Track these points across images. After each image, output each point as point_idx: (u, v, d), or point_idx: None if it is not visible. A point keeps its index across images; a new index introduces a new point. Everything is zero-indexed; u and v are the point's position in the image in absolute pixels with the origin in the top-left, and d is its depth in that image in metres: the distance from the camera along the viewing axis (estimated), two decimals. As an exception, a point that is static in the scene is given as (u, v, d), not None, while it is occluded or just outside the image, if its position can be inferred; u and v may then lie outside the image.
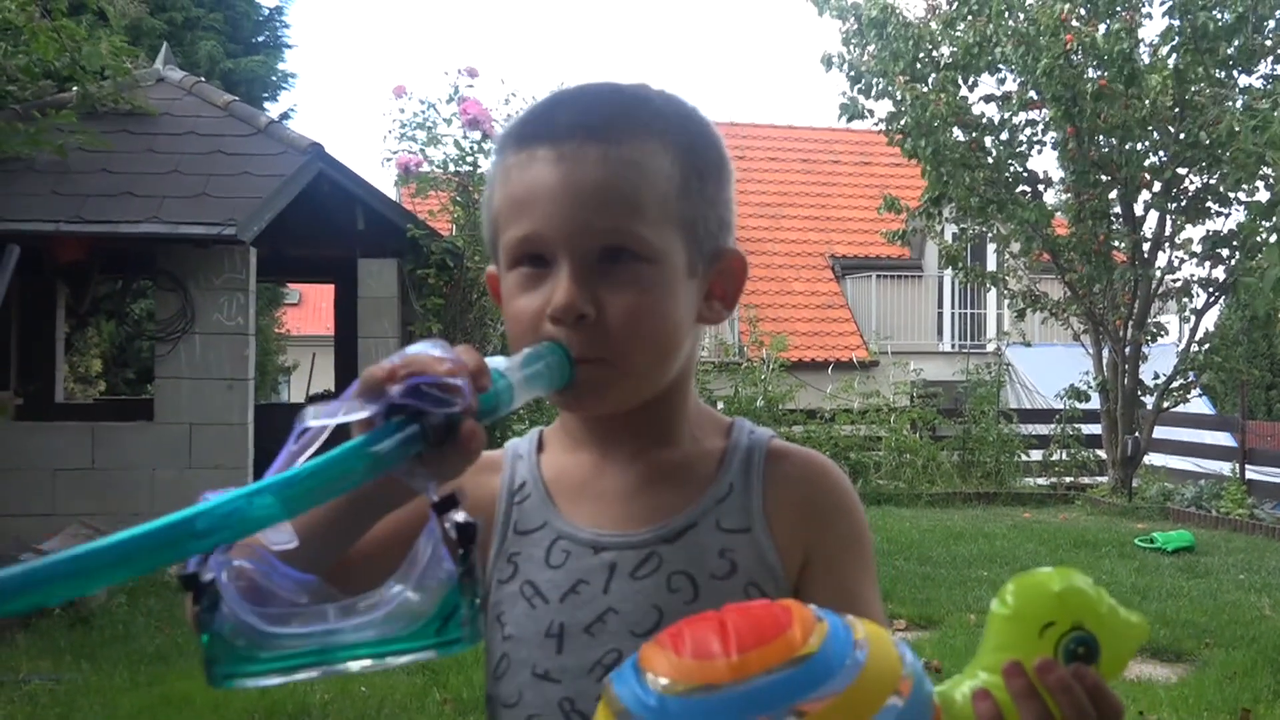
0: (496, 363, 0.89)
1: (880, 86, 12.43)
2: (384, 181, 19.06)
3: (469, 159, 10.50)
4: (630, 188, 0.99)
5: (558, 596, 1.03)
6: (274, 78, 17.05)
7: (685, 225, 1.02)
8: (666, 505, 1.05)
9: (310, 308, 25.71)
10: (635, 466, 1.07)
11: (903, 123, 12.30)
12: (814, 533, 1.05)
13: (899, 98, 12.17)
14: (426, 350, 0.82)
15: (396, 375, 0.80)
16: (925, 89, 12.11)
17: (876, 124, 12.97)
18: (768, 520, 1.04)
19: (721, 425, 1.12)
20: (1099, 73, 11.22)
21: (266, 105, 15.74)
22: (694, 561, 1.02)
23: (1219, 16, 10.89)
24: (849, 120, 13.03)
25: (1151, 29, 29.95)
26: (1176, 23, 11.12)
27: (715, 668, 0.74)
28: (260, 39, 17.23)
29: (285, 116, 16.45)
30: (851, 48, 12.63)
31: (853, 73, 12.58)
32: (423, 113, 10.55)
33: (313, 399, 10.44)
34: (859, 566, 1.07)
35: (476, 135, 10.49)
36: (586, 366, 0.98)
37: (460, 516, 0.80)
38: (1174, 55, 11.27)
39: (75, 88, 8.58)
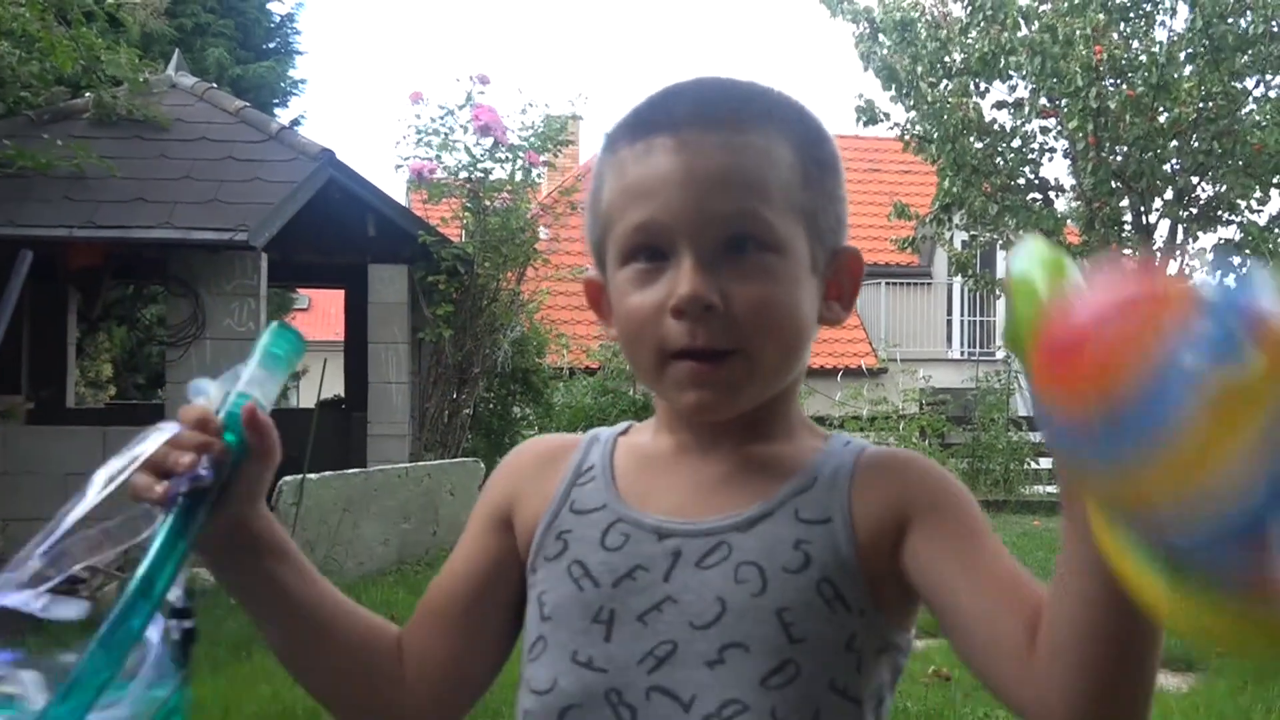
0: (208, 385, 0.94)
1: (908, 89, 12.41)
2: (395, 187, 19.10)
3: (480, 165, 10.52)
4: (754, 173, 0.95)
5: (611, 580, 0.97)
6: (284, 84, 17.12)
7: (807, 217, 0.99)
8: (745, 495, 0.98)
9: (320, 313, 25.73)
10: (731, 459, 1.01)
11: (920, 129, 12.30)
12: (902, 505, 0.96)
13: (929, 100, 12.14)
14: (152, 447, 0.90)
15: (154, 493, 0.89)
16: (945, 94, 12.10)
17: (892, 128, 12.96)
18: (851, 511, 0.96)
19: (817, 433, 1.07)
20: (1120, 82, 11.21)
21: (277, 111, 15.80)
22: (766, 552, 0.94)
23: (1238, 25, 10.90)
24: (866, 124, 13.03)
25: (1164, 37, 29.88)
26: (1194, 33, 11.11)
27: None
28: (271, 45, 17.30)
29: (296, 123, 16.48)
30: (875, 50, 12.60)
31: (885, 71, 12.56)
32: (439, 119, 10.57)
33: (323, 405, 10.45)
34: (967, 526, 0.95)
35: (488, 142, 10.51)
36: (718, 365, 0.94)
37: (189, 623, 0.92)
38: (1189, 66, 11.29)
39: (89, 94, 8.63)
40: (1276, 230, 11.30)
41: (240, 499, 0.95)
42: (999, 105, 12.63)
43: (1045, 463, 13.96)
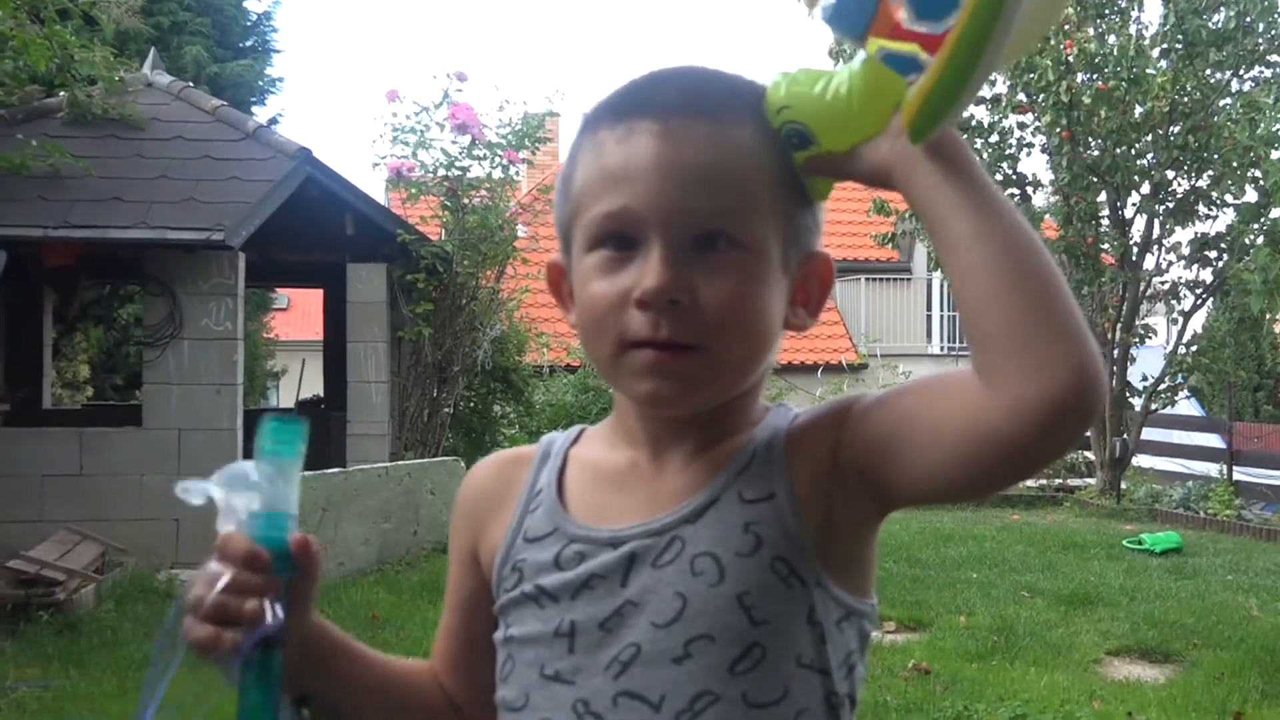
0: (207, 487, 0.93)
1: None
2: (373, 186, 19.06)
3: (458, 164, 10.50)
4: (737, 170, 0.93)
5: (568, 594, 0.97)
6: (262, 82, 17.02)
7: (784, 218, 0.96)
8: (693, 488, 0.97)
9: (299, 313, 25.62)
10: (691, 465, 0.99)
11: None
12: (829, 445, 0.94)
13: None
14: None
15: (224, 645, 0.87)
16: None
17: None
18: (790, 478, 0.95)
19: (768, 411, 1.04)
20: (1094, 77, 11.26)
21: (254, 110, 15.70)
22: (718, 540, 0.93)
23: (1211, 20, 10.96)
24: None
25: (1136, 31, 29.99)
26: (1168, 28, 11.17)
27: None
28: (248, 43, 17.19)
29: (273, 121, 16.42)
30: (847, 48, 12.66)
31: None
32: (415, 116, 10.54)
33: (302, 404, 10.42)
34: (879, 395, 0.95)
35: (465, 140, 10.49)
36: (679, 358, 0.92)
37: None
38: (1164, 61, 11.35)
39: (63, 93, 8.57)
40: (1254, 225, 11.35)
41: (297, 621, 0.94)
42: (976, 101, 12.67)
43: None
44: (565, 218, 1.01)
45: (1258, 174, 10.91)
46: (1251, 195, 11.46)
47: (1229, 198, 11.78)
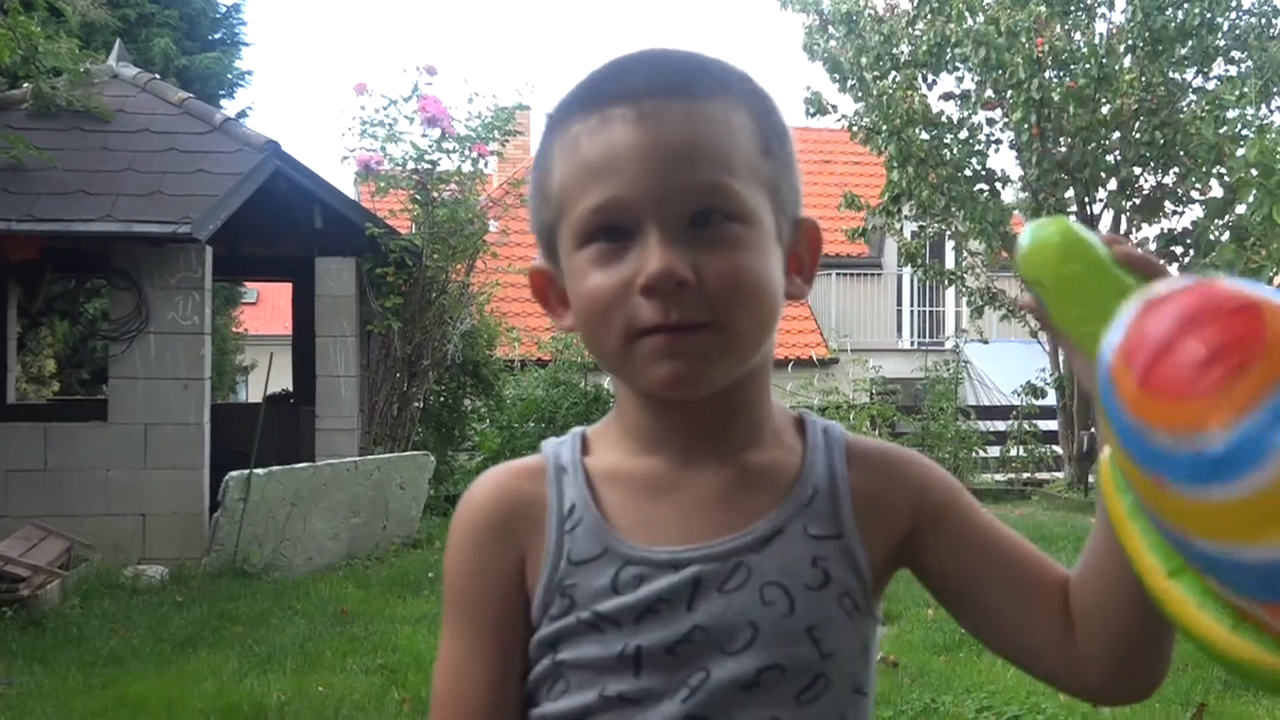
0: None
1: (854, 81, 12.50)
2: (342, 179, 18.94)
3: (428, 157, 10.46)
4: (720, 143, 0.92)
5: (632, 619, 0.93)
6: (230, 75, 16.90)
7: (770, 186, 0.95)
8: (749, 511, 0.96)
9: (269, 307, 25.50)
10: (724, 470, 0.98)
11: (868, 120, 12.39)
12: (910, 510, 0.99)
13: (873, 93, 12.21)
14: None
15: None
16: (891, 86, 12.18)
17: (840, 119, 13.05)
18: (859, 526, 0.97)
19: (791, 419, 1.05)
20: (1063, 74, 11.34)
21: (223, 103, 15.60)
22: (786, 571, 0.94)
23: (1175, 16, 11.05)
24: (813, 115, 13.09)
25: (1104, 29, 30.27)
26: (1133, 24, 11.26)
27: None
28: (217, 36, 17.06)
29: (242, 115, 16.30)
30: (820, 42, 12.69)
31: (829, 64, 12.66)
32: (384, 109, 10.50)
33: (271, 399, 10.36)
34: (970, 518, 1.01)
35: (435, 133, 10.45)
36: (692, 336, 0.90)
37: None
38: (1129, 56, 11.44)
39: (27, 85, 8.48)
40: (1219, 221, 11.47)
41: None
42: (946, 97, 12.73)
43: (994, 451, 14.12)
44: (547, 220, 0.98)
45: (1223, 170, 11.02)
46: (1217, 191, 11.58)
47: (1195, 194, 11.90)
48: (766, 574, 0.93)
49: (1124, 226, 12.30)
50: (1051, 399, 12.95)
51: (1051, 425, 13.29)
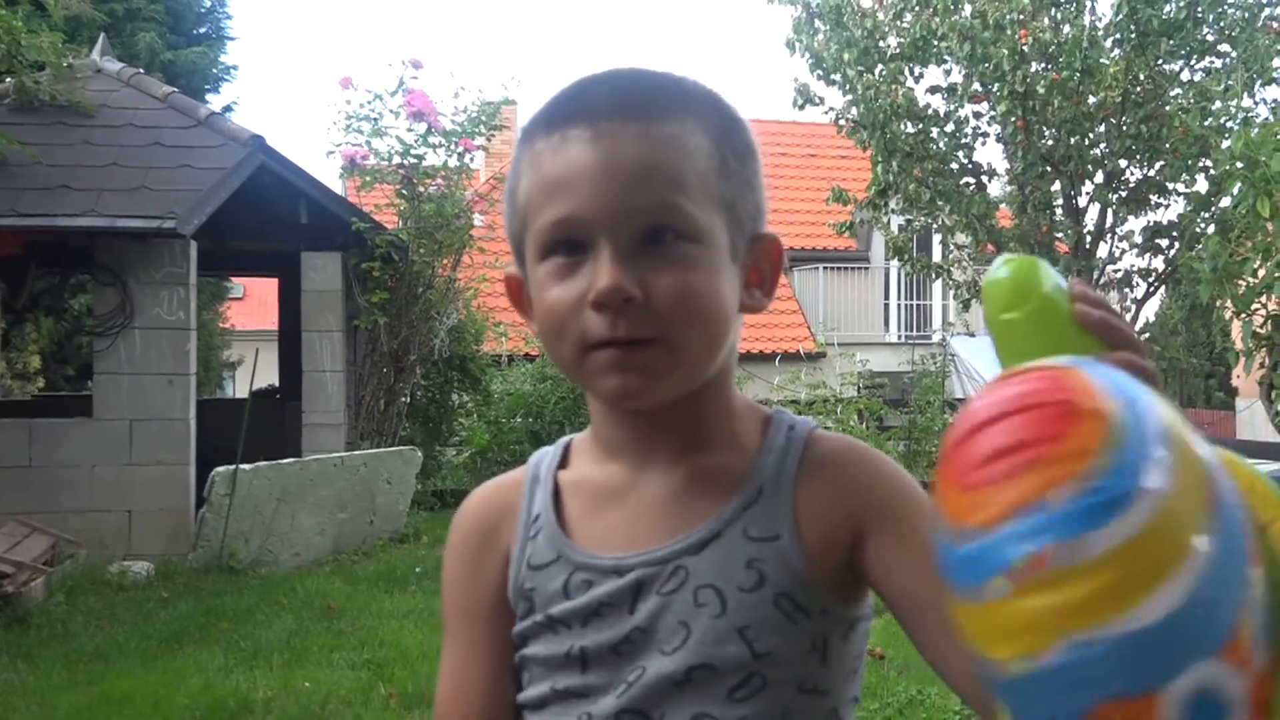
0: None
1: (838, 75, 12.49)
2: (328, 174, 18.90)
3: (414, 152, 10.44)
4: (672, 164, 0.94)
5: (580, 621, 0.99)
6: (215, 70, 16.85)
7: (726, 206, 0.98)
8: (696, 515, 0.99)
9: (255, 302, 25.41)
10: (675, 473, 1.01)
11: (854, 113, 12.38)
12: (852, 515, 0.97)
13: (855, 88, 12.21)
14: None
15: None
16: (877, 80, 12.17)
17: (827, 112, 13.04)
18: (798, 523, 0.97)
19: (760, 418, 1.05)
20: (1049, 67, 11.36)
21: (208, 98, 15.54)
22: (721, 573, 0.96)
23: (1164, 10, 11.08)
24: (802, 107, 13.08)
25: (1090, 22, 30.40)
26: (1120, 18, 11.28)
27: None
28: (202, 30, 17.01)
29: (227, 109, 16.25)
30: (804, 36, 12.69)
31: (812, 59, 12.66)
32: (370, 104, 10.47)
33: (258, 394, 10.33)
34: (917, 529, 0.93)
35: (421, 128, 10.43)
36: (639, 351, 0.93)
37: None
38: (1117, 50, 11.47)
39: (10, 79, 8.44)
40: (1204, 214, 11.50)
41: None
42: (933, 90, 12.74)
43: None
44: (515, 230, 1.03)
45: (1208, 163, 11.05)
46: (1202, 184, 11.60)
47: (1180, 187, 11.93)
48: (702, 576, 0.96)
49: (1110, 219, 12.34)
50: (1038, 392, 12.95)
51: (1038, 418, 13.28)
